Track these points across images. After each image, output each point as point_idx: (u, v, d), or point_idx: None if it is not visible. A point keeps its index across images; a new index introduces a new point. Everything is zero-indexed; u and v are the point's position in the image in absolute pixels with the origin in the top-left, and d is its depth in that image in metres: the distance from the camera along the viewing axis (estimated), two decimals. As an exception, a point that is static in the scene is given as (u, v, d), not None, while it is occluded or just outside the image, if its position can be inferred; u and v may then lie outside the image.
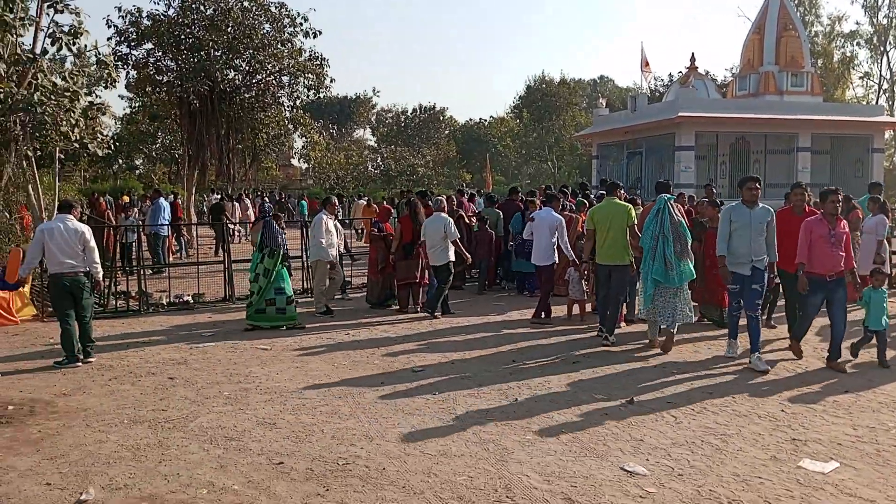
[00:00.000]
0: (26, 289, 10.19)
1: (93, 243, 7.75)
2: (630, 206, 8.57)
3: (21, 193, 13.41)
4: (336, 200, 10.49)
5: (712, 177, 24.86)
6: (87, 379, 6.91)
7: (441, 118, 62.24)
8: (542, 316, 9.56)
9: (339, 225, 11.42)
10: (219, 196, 26.48)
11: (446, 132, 61.15)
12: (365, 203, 23.09)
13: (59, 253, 7.46)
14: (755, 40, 27.60)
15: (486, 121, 60.12)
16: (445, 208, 10.70)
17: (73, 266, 7.52)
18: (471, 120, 61.49)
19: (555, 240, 9.61)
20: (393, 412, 5.77)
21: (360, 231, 23.08)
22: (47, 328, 9.44)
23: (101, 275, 7.93)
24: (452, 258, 10.16)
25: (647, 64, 34.83)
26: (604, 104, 36.03)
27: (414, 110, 62.33)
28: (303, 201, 32.10)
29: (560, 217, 9.97)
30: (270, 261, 9.31)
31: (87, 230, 7.72)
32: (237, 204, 24.86)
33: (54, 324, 8.84)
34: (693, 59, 31.19)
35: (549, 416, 5.68)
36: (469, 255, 10.66)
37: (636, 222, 8.42)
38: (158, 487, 4.32)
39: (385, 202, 19.96)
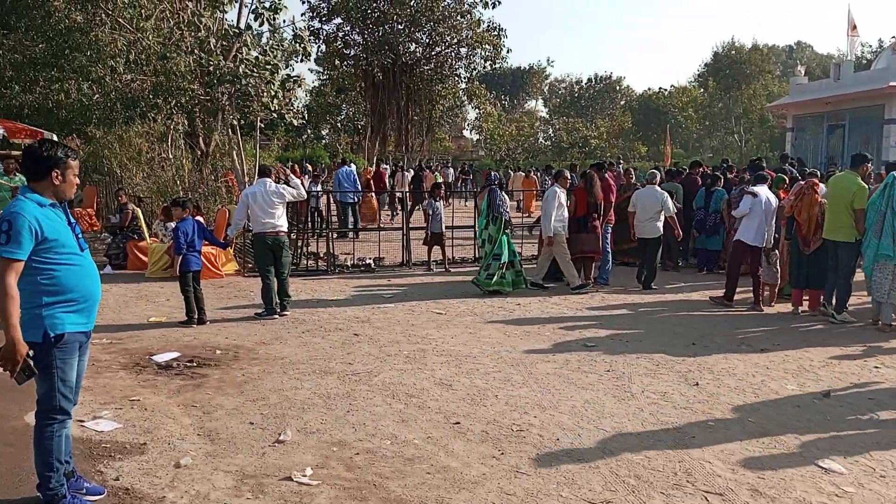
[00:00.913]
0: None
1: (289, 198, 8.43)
2: (859, 185, 7.84)
3: (227, 159, 14.78)
4: (568, 174, 10.48)
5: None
6: (283, 330, 7.53)
7: (617, 88, 60.28)
8: (728, 298, 8.97)
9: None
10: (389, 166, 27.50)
11: (622, 102, 59.15)
12: (524, 175, 22.99)
13: (262, 214, 8.15)
14: None
15: (665, 90, 57.28)
16: (658, 181, 10.43)
17: (273, 226, 8.18)
18: (649, 89, 58.84)
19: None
20: (565, 385, 5.74)
21: (518, 203, 23.07)
22: (248, 282, 10.40)
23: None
24: (661, 231, 10.06)
25: (855, 28, 31.31)
26: (802, 72, 33.01)
27: (589, 80, 60.86)
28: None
29: (776, 201, 8.96)
30: (494, 227, 9.56)
31: (285, 191, 8.34)
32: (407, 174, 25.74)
33: (254, 279, 9.73)
34: (910, 21, 27.62)
35: (733, 402, 5.39)
36: (678, 229, 10.39)
37: (862, 206, 7.79)
38: (347, 435, 4.63)
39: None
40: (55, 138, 12.90)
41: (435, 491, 3.86)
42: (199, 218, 9.04)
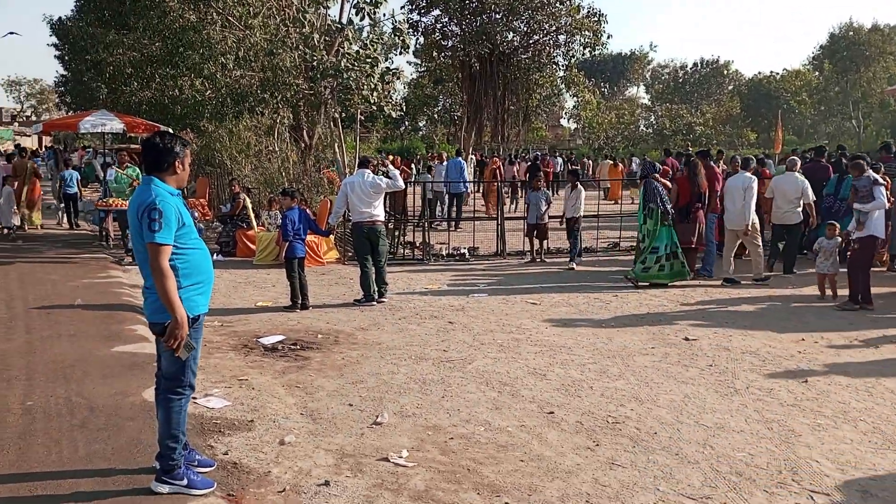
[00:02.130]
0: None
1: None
2: None
3: (329, 151, 15.24)
4: (754, 161, 10.38)
5: None
6: (380, 317, 7.72)
7: (724, 72, 57.71)
8: (867, 301, 8.16)
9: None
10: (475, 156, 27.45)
11: (730, 87, 56.61)
12: (612, 163, 22.43)
13: (360, 203, 8.37)
14: None
15: (777, 74, 54.35)
16: (798, 167, 10.12)
17: (370, 215, 8.40)
18: (759, 73, 56.05)
19: None
20: (664, 378, 5.61)
21: (605, 191, 22.61)
22: (347, 270, 10.71)
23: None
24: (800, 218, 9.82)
25: None
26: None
27: (694, 64, 58.60)
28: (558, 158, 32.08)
29: None
30: (651, 221, 9.34)
31: (382, 182, 8.54)
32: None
33: (353, 266, 10.01)
34: None
35: (846, 402, 5.10)
36: (814, 216, 10.09)
37: None
38: (441, 420, 4.71)
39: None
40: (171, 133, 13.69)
41: (528, 478, 3.87)
42: (304, 207, 9.38)
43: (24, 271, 9.87)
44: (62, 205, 16.03)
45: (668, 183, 9.60)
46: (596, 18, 21.46)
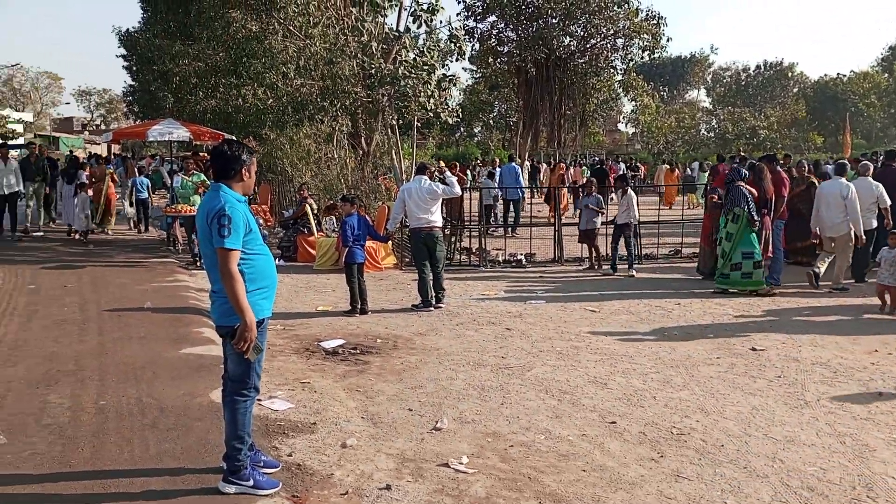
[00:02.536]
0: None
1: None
2: None
3: (386, 158, 15.39)
4: (870, 165, 10.24)
5: None
6: (438, 322, 7.75)
7: (789, 74, 56.00)
8: None
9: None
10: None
11: (795, 90, 54.91)
12: (668, 168, 21.96)
13: (417, 210, 8.44)
14: None
15: (844, 76, 52.47)
16: (871, 172, 9.86)
17: (428, 221, 8.46)
18: (825, 76, 54.20)
19: None
20: (731, 389, 5.46)
21: (660, 196, 22.20)
22: (405, 275, 10.78)
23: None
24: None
25: None
26: None
27: (757, 67, 57.06)
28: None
29: None
30: (734, 225, 9.14)
31: (439, 188, 8.59)
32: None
33: (411, 272, 10.08)
34: None
35: (926, 417, 4.87)
36: (889, 220, 9.71)
37: None
38: (501, 427, 4.69)
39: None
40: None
41: (591, 489, 3.82)
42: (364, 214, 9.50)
43: (96, 275, 10.27)
44: (133, 210, 16.64)
45: (755, 189, 9.31)
46: (655, 21, 21.13)
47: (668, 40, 21.38)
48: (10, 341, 6.57)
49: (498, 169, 18.36)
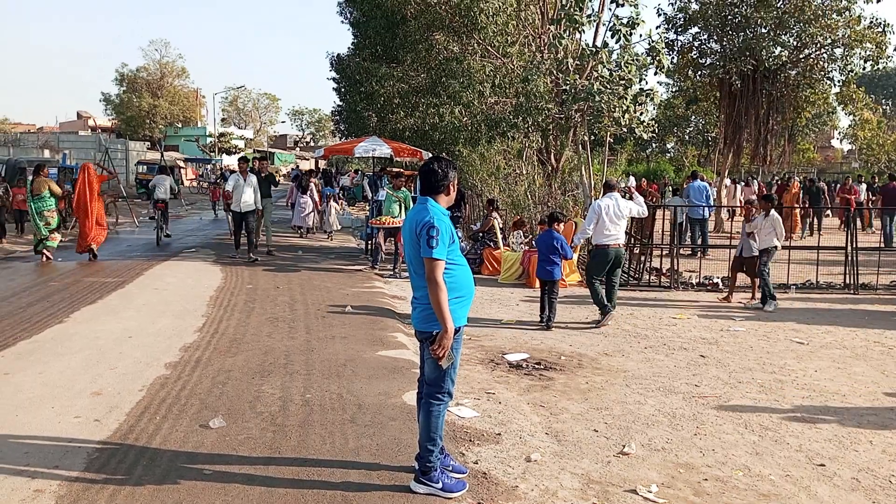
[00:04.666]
0: (575, 257, 11.61)
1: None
2: None
3: (576, 174, 15.28)
4: None
5: None
6: (625, 344, 7.53)
7: None
8: None
9: None
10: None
11: None
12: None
13: (611, 225, 8.44)
14: None
15: None
16: None
17: (617, 238, 8.49)
18: None
19: None
20: (970, 442, 4.76)
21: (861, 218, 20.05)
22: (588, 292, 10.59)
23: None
24: None
25: None
26: None
27: None
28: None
29: None
30: None
31: (633, 207, 8.53)
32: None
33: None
34: None
35: None
36: None
37: None
38: (694, 458, 4.46)
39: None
40: (429, 156, 14.71)
41: (795, 535, 3.51)
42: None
43: (303, 278, 11.20)
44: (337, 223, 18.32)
45: None
46: (880, 29, 19.04)
47: (894, 49, 19.19)
48: (231, 334, 7.35)
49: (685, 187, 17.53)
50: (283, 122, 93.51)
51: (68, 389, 5.43)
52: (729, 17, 19.20)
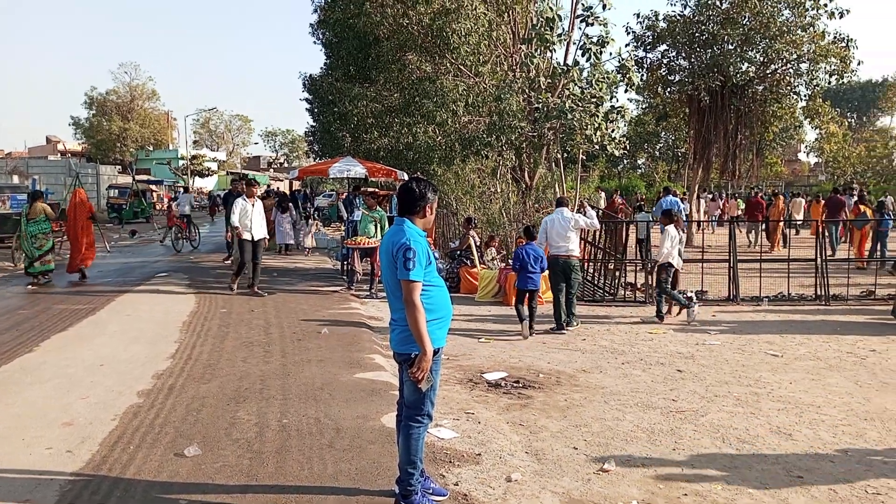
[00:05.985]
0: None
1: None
2: None
3: (549, 191, 15.42)
4: None
5: None
6: (602, 360, 7.56)
7: None
8: None
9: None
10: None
11: None
12: (815, 201, 20.12)
13: (557, 238, 9.11)
14: None
15: None
16: None
17: (567, 249, 9.11)
18: None
19: None
20: (941, 450, 4.84)
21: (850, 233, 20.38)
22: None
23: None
24: None
25: None
26: None
27: (966, 89, 50.93)
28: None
29: None
30: None
31: (580, 220, 9.31)
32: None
33: (578, 306, 9.91)
34: None
35: None
36: None
37: None
38: (673, 473, 4.47)
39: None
40: (405, 176, 14.74)
41: (774, 549, 3.53)
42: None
43: (278, 301, 11.10)
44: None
45: None
46: (844, 44, 19.57)
47: (858, 63, 19.71)
48: (205, 360, 7.25)
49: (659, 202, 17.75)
50: (256, 143, 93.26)
51: (39, 420, 5.31)
52: (696, 34, 19.60)
